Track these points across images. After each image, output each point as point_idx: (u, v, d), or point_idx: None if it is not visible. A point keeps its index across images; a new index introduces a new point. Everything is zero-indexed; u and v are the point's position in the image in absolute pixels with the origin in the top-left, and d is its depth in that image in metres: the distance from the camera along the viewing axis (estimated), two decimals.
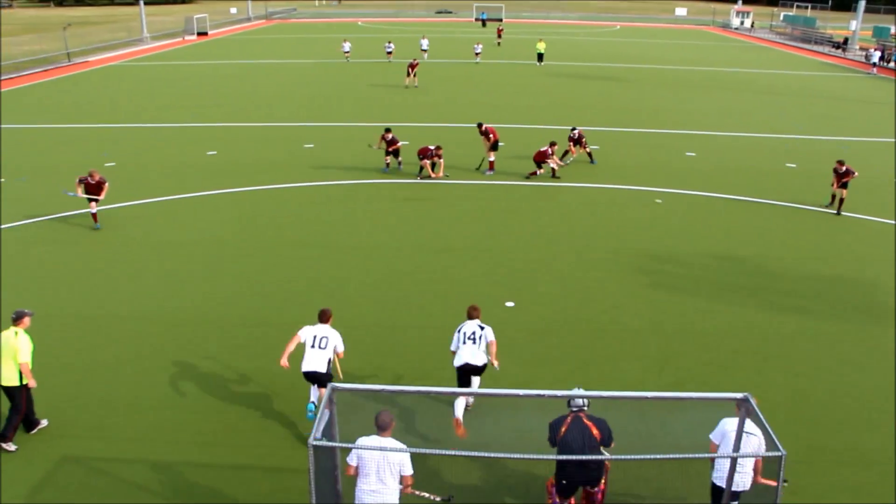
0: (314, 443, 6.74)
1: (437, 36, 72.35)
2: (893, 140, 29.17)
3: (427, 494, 8.41)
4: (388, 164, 23.03)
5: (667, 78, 45.69)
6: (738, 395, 7.12)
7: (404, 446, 7.34)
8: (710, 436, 8.35)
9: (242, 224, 18.32)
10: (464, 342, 10.03)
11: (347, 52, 51.87)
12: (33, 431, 10.04)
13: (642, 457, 6.69)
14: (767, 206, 20.17)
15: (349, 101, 36.01)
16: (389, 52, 51.99)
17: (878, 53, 52.13)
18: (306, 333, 10.03)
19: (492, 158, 22.74)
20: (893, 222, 19.05)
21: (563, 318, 13.60)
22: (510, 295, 14.49)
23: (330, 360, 9.99)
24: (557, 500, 8.18)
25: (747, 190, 21.60)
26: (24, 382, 9.62)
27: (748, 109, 35.31)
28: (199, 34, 71.95)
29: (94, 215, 17.80)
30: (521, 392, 7.83)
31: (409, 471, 7.53)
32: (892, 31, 64.43)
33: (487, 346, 10.08)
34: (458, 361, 10.00)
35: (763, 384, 11.39)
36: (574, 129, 24.16)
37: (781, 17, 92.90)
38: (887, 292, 14.89)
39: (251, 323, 13.27)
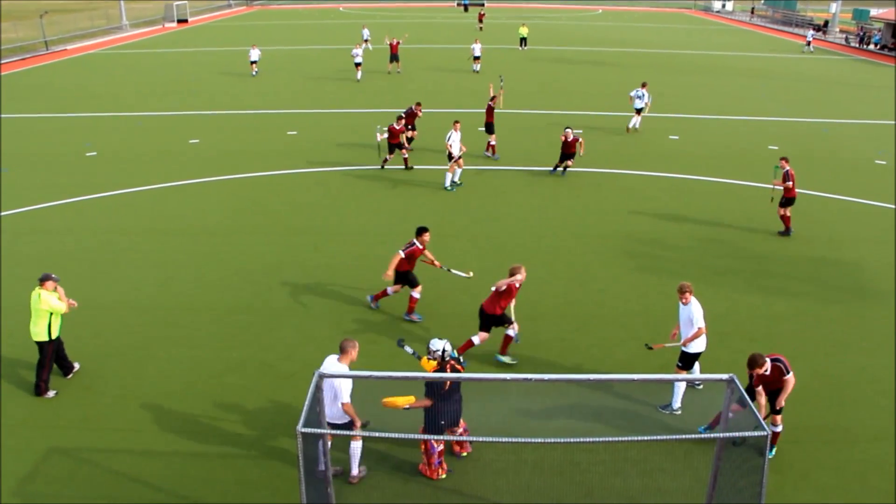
0: (302, 430, 6.75)
1: (418, 21, 72.09)
2: (871, 122, 29.41)
3: None
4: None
5: (649, 61, 45.72)
6: (724, 376, 7.20)
7: (348, 371, 8.18)
8: (694, 323, 9.89)
9: (228, 212, 18.18)
10: None
11: (255, 61, 39.10)
12: (69, 376, 11.06)
13: (630, 438, 6.75)
14: (751, 189, 20.27)
15: (331, 87, 35.78)
16: (358, 64, 37.37)
17: (812, 32, 58.03)
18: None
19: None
20: (877, 204, 19.23)
21: (551, 303, 13.63)
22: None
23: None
24: (436, 446, 8.79)
25: (731, 172, 21.70)
26: (52, 338, 10.49)
27: (729, 92, 35.43)
28: (180, 21, 71.24)
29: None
30: (508, 376, 7.87)
31: (345, 399, 8.25)
32: (872, 13, 64.87)
33: None
34: None
35: None
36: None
37: (762, 0, 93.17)
38: (872, 273, 15.04)
39: (239, 310, 13.21)
